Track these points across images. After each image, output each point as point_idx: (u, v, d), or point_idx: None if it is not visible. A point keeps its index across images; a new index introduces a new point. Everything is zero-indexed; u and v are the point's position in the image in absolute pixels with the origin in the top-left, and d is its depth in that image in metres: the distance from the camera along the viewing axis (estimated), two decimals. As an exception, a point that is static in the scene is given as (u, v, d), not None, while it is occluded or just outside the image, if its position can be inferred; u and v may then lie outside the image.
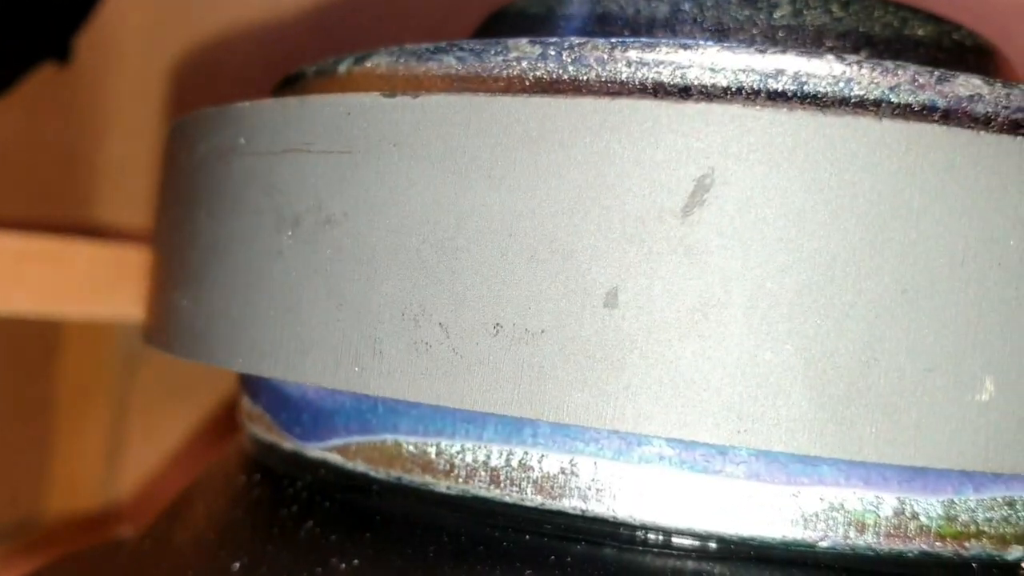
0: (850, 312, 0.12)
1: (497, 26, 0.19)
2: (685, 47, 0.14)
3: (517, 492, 0.14)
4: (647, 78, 0.14)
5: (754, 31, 0.17)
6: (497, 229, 0.13)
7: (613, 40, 0.14)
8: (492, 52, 0.15)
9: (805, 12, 0.17)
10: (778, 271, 0.12)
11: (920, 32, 0.18)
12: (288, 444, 0.17)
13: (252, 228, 0.15)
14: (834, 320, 0.12)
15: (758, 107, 0.12)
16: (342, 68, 0.16)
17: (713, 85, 0.14)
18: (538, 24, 0.18)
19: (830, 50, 0.15)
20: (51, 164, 0.36)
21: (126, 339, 0.38)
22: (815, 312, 0.12)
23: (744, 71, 0.14)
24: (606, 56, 0.14)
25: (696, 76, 0.14)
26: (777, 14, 0.17)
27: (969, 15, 0.20)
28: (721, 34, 0.17)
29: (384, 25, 0.37)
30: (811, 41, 0.17)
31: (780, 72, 0.14)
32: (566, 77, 0.14)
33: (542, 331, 0.13)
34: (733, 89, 0.14)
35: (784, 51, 0.14)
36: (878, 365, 0.12)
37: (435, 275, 0.13)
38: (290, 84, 0.18)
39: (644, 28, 0.17)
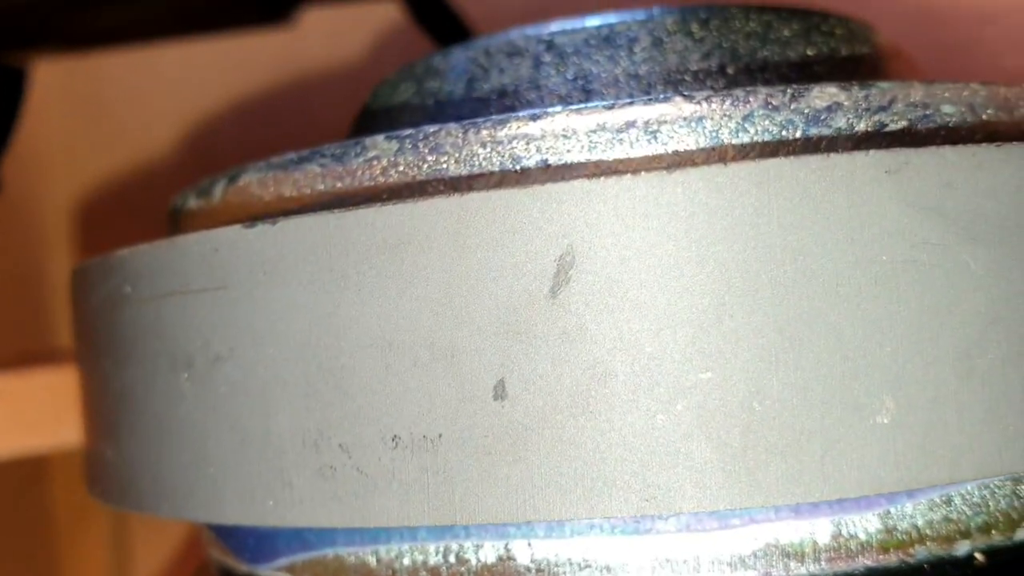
0: (733, 360, 0.12)
1: (366, 124, 0.19)
2: (535, 117, 0.14)
3: None
4: (504, 155, 0.14)
5: (617, 71, 0.17)
6: (376, 341, 0.13)
7: (465, 123, 0.14)
8: (352, 154, 0.15)
9: (665, 40, 0.17)
10: (654, 334, 0.12)
11: (786, 32, 0.17)
12: (242, 567, 0.17)
13: (152, 374, 0.15)
14: (719, 371, 0.12)
15: (603, 177, 0.12)
16: (217, 190, 0.16)
17: (568, 151, 0.14)
18: (408, 114, 0.18)
19: (677, 91, 0.15)
20: None
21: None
22: (698, 366, 0.12)
23: (596, 131, 0.14)
24: (461, 140, 0.14)
25: (550, 146, 0.14)
26: (637, 48, 0.17)
27: (934, 20, 0.20)
28: (585, 81, 0.17)
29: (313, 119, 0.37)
30: (674, 70, 0.17)
31: (630, 124, 0.14)
32: (426, 169, 0.14)
33: (439, 435, 0.13)
34: (591, 152, 0.14)
35: (632, 102, 0.14)
36: (771, 407, 0.12)
37: (326, 397, 0.13)
38: (175, 212, 0.18)
39: (511, 89, 0.17)
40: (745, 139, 0.14)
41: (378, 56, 0.38)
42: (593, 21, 0.17)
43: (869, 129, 0.14)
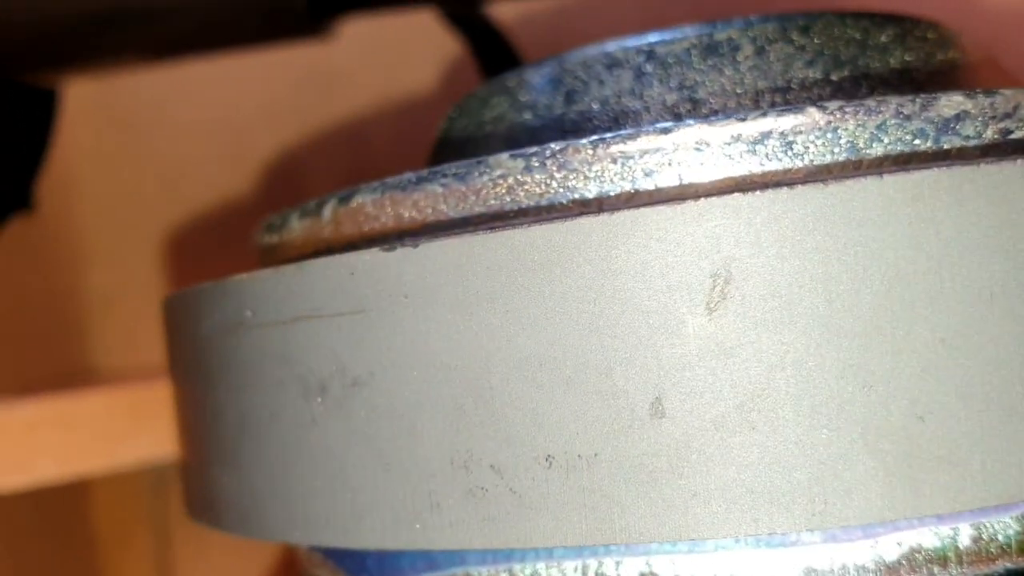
0: (895, 372, 0.12)
1: (455, 139, 0.19)
2: (666, 130, 0.14)
3: None
4: (636, 170, 0.14)
5: (722, 80, 0.17)
6: (526, 361, 0.13)
7: (594, 138, 0.14)
8: (476, 173, 0.15)
9: (767, 48, 0.17)
10: (815, 348, 0.12)
11: (883, 38, 0.17)
12: (358, 588, 0.17)
13: (279, 399, 0.15)
14: (882, 384, 0.12)
15: (758, 192, 0.12)
16: (327, 211, 0.16)
17: (702, 164, 0.14)
18: (504, 128, 0.18)
19: (810, 102, 0.15)
20: (34, 312, 0.36)
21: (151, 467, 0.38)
22: (861, 380, 0.12)
23: (731, 143, 0.14)
24: (590, 156, 0.14)
25: (683, 159, 0.14)
26: (740, 57, 0.17)
27: (966, 24, 0.20)
28: (691, 90, 0.17)
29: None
30: (780, 78, 0.17)
31: (766, 136, 0.14)
32: (555, 186, 0.14)
33: (595, 455, 0.13)
34: (726, 165, 0.14)
35: (765, 113, 0.14)
36: (933, 418, 0.12)
37: (475, 419, 0.13)
38: (274, 229, 0.18)
39: (612, 101, 0.17)
40: (879, 149, 0.14)
41: (411, 66, 0.38)
42: (691, 30, 0.17)
43: (995, 137, 0.14)
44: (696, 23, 0.18)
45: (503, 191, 0.14)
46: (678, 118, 0.17)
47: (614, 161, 0.14)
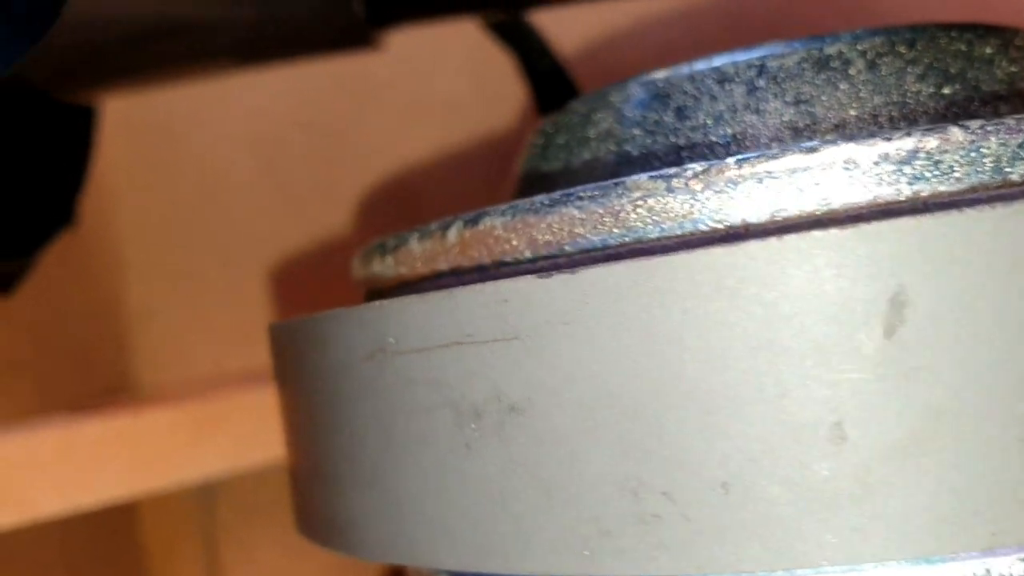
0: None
1: (555, 151, 0.19)
2: (812, 149, 0.14)
3: None
4: (783, 191, 0.14)
5: (837, 94, 0.17)
6: (697, 388, 0.13)
7: (738, 158, 0.14)
8: (613, 195, 0.15)
9: (878, 62, 0.17)
10: (996, 369, 0.12)
11: (987, 50, 0.18)
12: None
13: (428, 425, 0.15)
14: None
15: (929, 214, 0.12)
16: (452, 234, 0.16)
17: (850, 184, 0.14)
18: (612, 144, 0.18)
19: (952, 121, 0.15)
20: (77, 327, 0.35)
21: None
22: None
23: (879, 162, 0.14)
24: (735, 176, 0.14)
25: (832, 179, 0.14)
26: (853, 71, 0.17)
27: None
28: (807, 104, 0.17)
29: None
30: (894, 91, 0.17)
31: (913, 155, 0.14)
32: (699, 207, 0.14)
33: (775, 480, 0.13)
34: (876, 185, 0.14)
35: (909, 132, 0.14)
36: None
37: (643, 445, 0.13)
38: (386, 251, 0.18)
39: (727, 115, 0.17)
40: (1021, 168, 0.14)
41: (444, 72, 0.38)
42: (799, 44, 0.18)
43: None
44: (803, 38, 0.18)
45: (644, 213, 0.14)
46: (797, 133, 0.17)
47: (759, 181, 0.14)
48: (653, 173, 0.15)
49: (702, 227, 0.14)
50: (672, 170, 0.14)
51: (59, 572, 0.33)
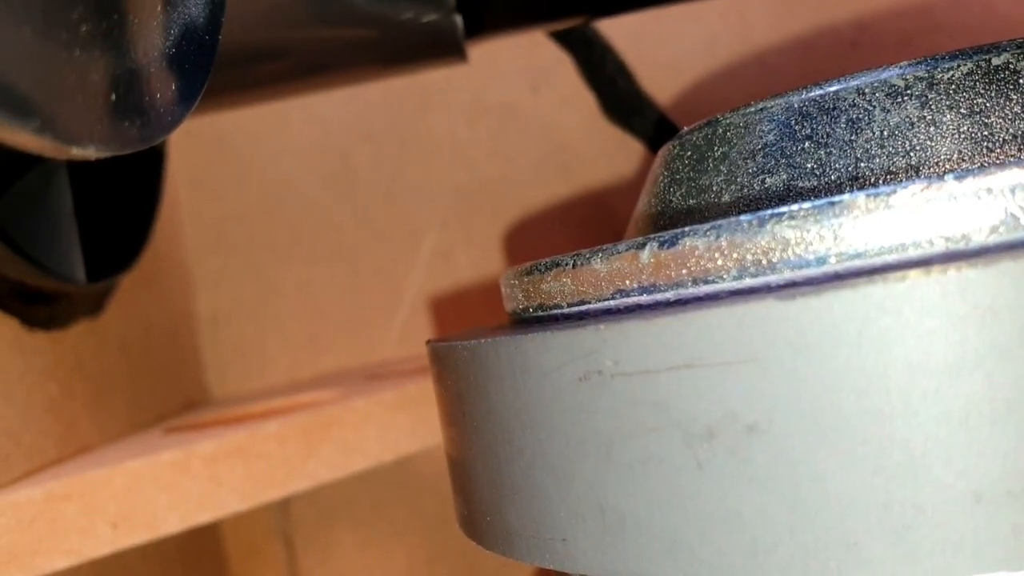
0: None
1: (705, 163, 0.19)
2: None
3: None
4: (1008, 205, 0.14)
5: (1011, 105, 0.17)
6: (939, 402, 0.13)
7: (958, 172, 0.14)
8: (831, 214, 0.15)
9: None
10: None
11: None
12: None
13: (654, 446, 0.15)
14: None
15: None
16: (645, 254, 0.16)
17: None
18: (780, 156, 0.18)
19: None
20: (157, 342, 0.35)
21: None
22: None
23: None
24: (955, 191, 0.14)
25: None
26: (1023, 81, 0.17)
27: None
28: (981, 116, 0.17)
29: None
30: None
31: None
32: (916, 225, 0.15)
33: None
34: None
35: None
36: None
37: (893, 459, 0.13)
38: (563, 268, 0.18)
39: (900, 129, 0.18)
40: None
41: (501, 77, 0.38)
42: (964, 56, 0.18)
43: None
44: (967, 48, 0.18)
45: (863, 231, 0.15)
46: (977, 145, 0.17)
47: (978, 197, 0.14)
48: (869, 191, 0.15)
49: (913, 244, 0.15)
50: (887, 188, 0.15)
51: (148, 574, 0.33)
